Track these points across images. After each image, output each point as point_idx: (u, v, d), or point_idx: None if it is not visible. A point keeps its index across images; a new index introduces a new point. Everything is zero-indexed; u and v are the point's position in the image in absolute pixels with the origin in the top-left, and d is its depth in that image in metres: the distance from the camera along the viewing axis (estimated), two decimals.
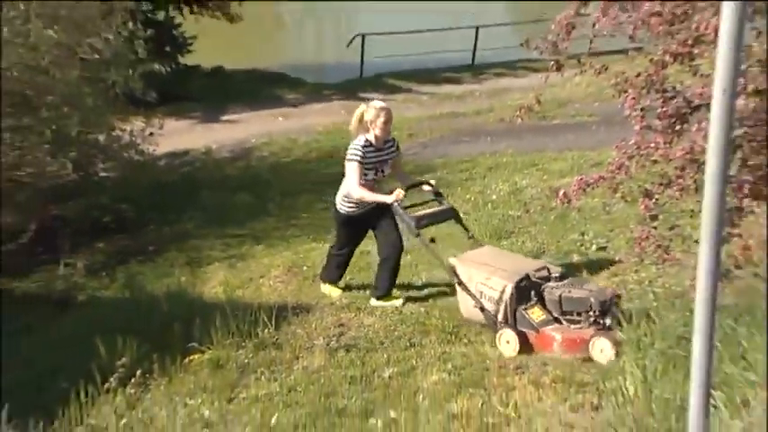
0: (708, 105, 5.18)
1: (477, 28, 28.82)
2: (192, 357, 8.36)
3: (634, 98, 6.55)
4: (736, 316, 5.89)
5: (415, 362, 7.79)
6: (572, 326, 7.53)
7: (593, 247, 10.26)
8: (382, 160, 9.27)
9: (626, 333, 6.52)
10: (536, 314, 7.70)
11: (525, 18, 23.41)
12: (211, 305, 9.98)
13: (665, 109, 6.46)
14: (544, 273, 8.06)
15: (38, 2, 13.10)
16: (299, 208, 15.21)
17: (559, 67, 7.15)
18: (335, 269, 10.17)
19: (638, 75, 6.52)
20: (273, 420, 6.95)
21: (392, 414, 6.70)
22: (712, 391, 4.36)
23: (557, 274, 8.03)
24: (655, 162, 6.55)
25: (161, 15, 25.47)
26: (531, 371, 7.27)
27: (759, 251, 6.23)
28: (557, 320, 7.67)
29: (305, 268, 11.33)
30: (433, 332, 8.38)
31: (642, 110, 6.55)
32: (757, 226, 6.23)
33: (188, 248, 13.79)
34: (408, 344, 8.23)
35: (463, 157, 16.65)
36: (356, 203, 9.35)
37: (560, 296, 7.62)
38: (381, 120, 9.05)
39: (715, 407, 4.69)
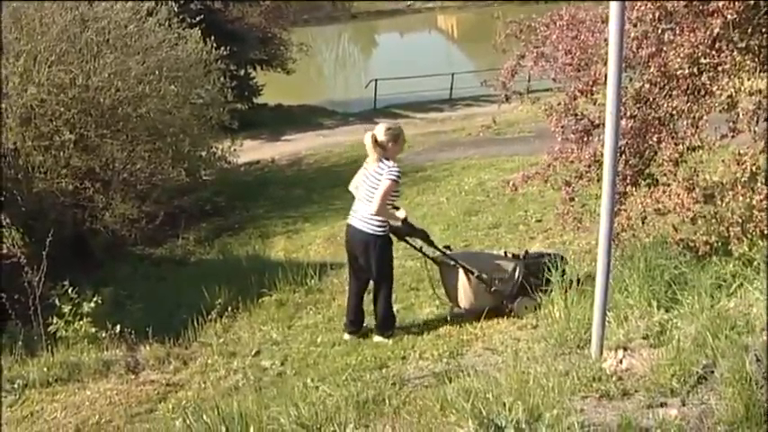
0: (604, 123, 5.21)
1: (453, 74, 28.74)
2: (263, 298, 8.43)
3: (557, 120, 6.54)
4: (621, 262, 5.91)
5: (413, 300, 7.77)
6: None
7: (533, 219, 10.24)
8: None
9: (553, 277, 6.52)
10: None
11: (484, 66, 23.34)
12: (276, 263, 10.02)
13: (576, 127, 6.45)
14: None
15: (167, 67, 13.38)
16: (334, 197, 15.11)
17: (507, 99, 7.13)
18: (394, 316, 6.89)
19: (559, 104, 6.49)
20: (319, 339, 7.01)
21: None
22: (607, 312, 4.42)
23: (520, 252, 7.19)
24: (571, 162, 6.52)
25: (242, 72, 25.48)
26: None
27: (636, 221, 6.24)
28: None
29: (338, 238, 11.31)
30: (426, 279, 8.29)
31: (562, 127, 6.52)
32: (635, 204, 6.23)
33: (260, 226, 13.85)
34: (410, 288, 8.13)
35: (444, 161, 16.64)
36: (386, 223, 6.53)
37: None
38: (400, 139, 6.78)
39: (609, 322, 4.72)
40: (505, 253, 7.12)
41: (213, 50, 15.03)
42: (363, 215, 6.55)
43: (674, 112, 6.06)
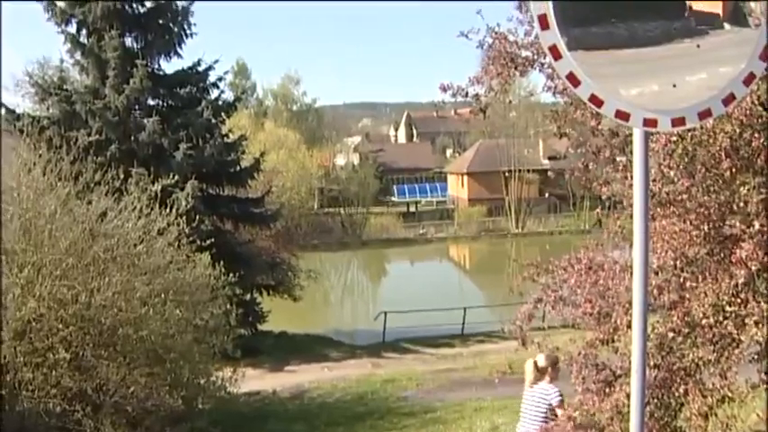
0: (626, 374, 5.20)
1: (465, 308, 28.94)
2: None
3: (577, 371, 6.56)
4: None
5: None
6: None
7: None
8: None
9: None
10: None
11: (495, 297, 23.62)
12: None
13: (598, 376, 6.45)
14: None
15: (173, 290, 13.48)
16: None
17: (524, 344, 7.20)
18: None
19: (579, 353, 6.54)
20: None
21: None
22: None
23: None
24: (593, 415, 6.46)
25: (248, 296, 25.74)
26: None
27: None
28: None
29: None
30: None
31: (583, 378, 6.53)
32: None
33: None
34: None
35: (456, 401, 16.43)
36: None
37: None
38: (558, 365, 7.84)
39: None
40: None
41: (222, 275, 15.26)
42: None
43: (701, 362, 6.04)
